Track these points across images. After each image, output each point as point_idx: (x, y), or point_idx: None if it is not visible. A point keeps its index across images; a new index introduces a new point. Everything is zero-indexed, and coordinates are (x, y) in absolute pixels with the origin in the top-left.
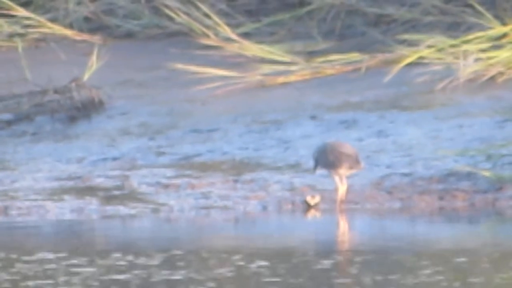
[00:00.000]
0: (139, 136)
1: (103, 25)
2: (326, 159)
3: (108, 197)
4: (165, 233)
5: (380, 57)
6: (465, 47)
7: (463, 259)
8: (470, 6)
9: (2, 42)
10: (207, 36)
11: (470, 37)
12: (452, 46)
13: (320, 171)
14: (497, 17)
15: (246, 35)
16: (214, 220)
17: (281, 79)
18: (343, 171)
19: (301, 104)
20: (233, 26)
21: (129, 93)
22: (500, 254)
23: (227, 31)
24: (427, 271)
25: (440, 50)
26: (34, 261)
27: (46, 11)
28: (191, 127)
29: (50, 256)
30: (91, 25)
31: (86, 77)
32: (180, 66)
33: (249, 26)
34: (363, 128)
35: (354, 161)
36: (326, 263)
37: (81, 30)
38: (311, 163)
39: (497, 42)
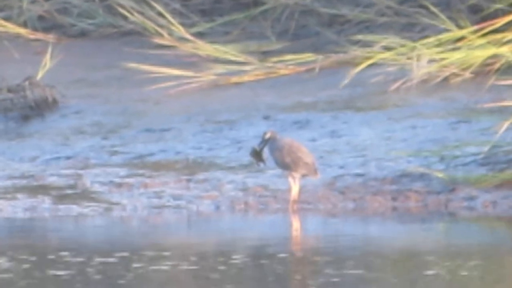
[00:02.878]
0: (93, 135)
1: (57, 24)
2: (283, 159)
3: (61, 196)
4: (117, 232)
5: (334, 57)
6: (419, 48)
7: (415, 259)
8: (425, 7)
9: None
10: (161, 35)
11: (426, 40)
12: (406, 47)
13: (274, 171)
14: (451, 18)
15: (200, 35)
16: (167, 219)
17: (235, 79)
18: (298, 175)
19: (254, 104)
20: (187, 25)
21: (83, 92)
22: (451, 254)
23: (181, 30)
24: (379, 271)
25: (394, 51)
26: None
27: None
28: (144, 127)
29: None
30: (45, 23)
31: (39, 76)
32: (134, 65)
33: (203, 26)
34: (316, 128)
35: (311, 170)
36: (278, 262)
37: (35, 28)
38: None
39: (452, 45)
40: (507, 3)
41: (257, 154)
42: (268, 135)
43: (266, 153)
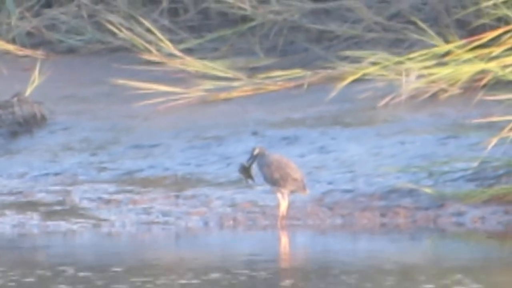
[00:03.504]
0: (81, 152)
1: (46, 40)
2: (271, 175)
3: (50, 212)
4: (105, 249)
5: (323, 73)
6: (407, 64)
7: (403, 275)
8: (413, 23)
9: None
10: (150, 51)
11: (414, 55)
12: (395, 63)
13: (262, 187)
14: (439, 34)
15: (188, 51)
16: (156, 235)
17: (223, 95)
18: (286, 191)
19: (243, 120)
20: (176, 41)
21: (72, 109)
22: (439, 270)
23: (169, 46)
24: (368, 286)
25: (382, 66)
26: None
27: None
28: (133, 143)
29: None
30: (33, 40)
31: (28, 92)
32: (122, 81)
33: (192, 42)
34: (305, 144)
35: (300, 186)
36: (266, 278)
37: (23, 45)
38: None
39: (440, 60)
40: (494, 18)
41: (245, 171)
42: (256, 151)
43: (254, 169)
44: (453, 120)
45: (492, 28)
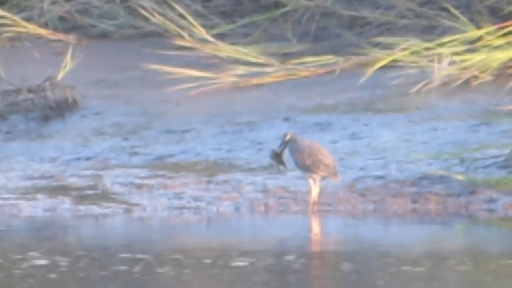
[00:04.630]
0: (113, 136)
1: (78, 24)
2: (303, 161)
3: (81, 197)
4: (137, 233)
5: (355, 59)
6: (439, 50)
7: (434, 261)
8: (445, 9)
9: None
10: (182, 37)
11: (445, 40)
12: (427, 49)
13: (294, 172)
14: (472, 20)
15: (220, 36)
16: (187, 220)
17: (255, 81)
18: (318, 177)
19: (275, 105)
20: (208, 27)
21: (103, 93)
22: (470, 257)
23: (201, 32)
24: (399, 273)
25: (414, 53)
26: (6, 260)
27: (20, 10)
28: (164, 128)
29: (21, 255)
30: (65, 24)
31: (60, 76)
32: (154, 66)
33: (224, 27)
34: (337, 130)
35: (332, 172)
36: (298, 264)
37: (55, 29)
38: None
39: (472, 46)
40: None
41: (277, 157)
42: (288, 137)
43: (286, 154)
44: (484, 107)
45: None
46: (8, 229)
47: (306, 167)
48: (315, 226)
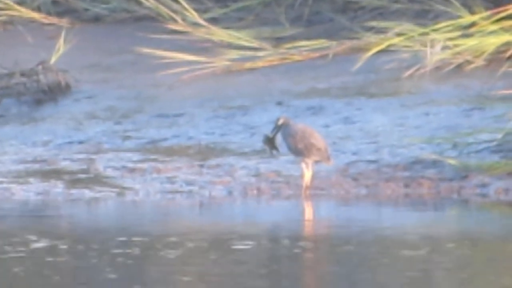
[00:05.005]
0: (105, 120)
1: (71, 8)
2: (295, 145)
3: (74, 180)
4: (129, 217)
5: (348, 44)
6: (432, 35)
7: (427, 245)
8: None
9: None
10: (175, 21)
11: (439, 25)
12: (420, 34)
13: (287, 157)
14: (465, 5)
15: (213, 20)
16: (180, 204)
17: (248, 65)
18: (310, 161)
19: (268, 90)
20: (201, 11)
21: (96, 77)
22: (463, 240)
23: (194, 16)
24: (392, 256)
25: (407, 37)
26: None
27: None
28: (157, 112)
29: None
30: (58, 8)
31: (53, 60)
32: (147, 50)
33: (217, 12)
34: (329, 114)
35: (324, 157)
36: (289, 247)
37: (48, 13)
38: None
39: (465, 31)
40: None
41: (269, 141)
42: (281, 121)
43: (279, 139)
44: (477, 91)
45: None
46: (1, 212)
47: (299, 151)
48: (308, 210)
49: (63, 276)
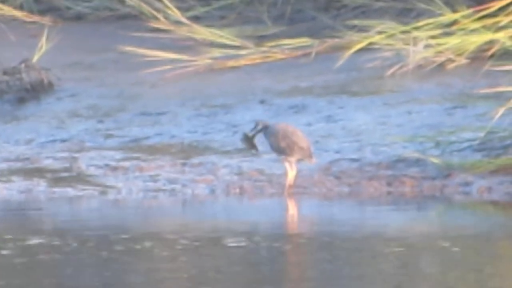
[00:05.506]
0: (88, 118)
1: (53, 6)
2: (278, 144)
3: (56, 179)
4: (111, 215)
5: (330, 42)
6: (415, 33)
7: (408, 244)
8: None
9: None
10: (157, 19)
11: (421, 23)
12: (402, 32)
13: (270, 155)
14: (447, 3)
15: (196, 19)
16: (162, 203)
17: (230, 63)
18: (293, 159)
19: (250, 88)
20: (183, 9)
21: (79, 75)
22: (445, 239)
23: (177, 14)
24: (373, 255)
25: (390, 36)
26: None
27: None
28: (140, 110)
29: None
30: (41, 6)
31: (35, 58)
32: (130, 48)
33: (199, 10)
34: (312, 113)
35: (307, 155)
36: (271, 246)
37: (31, 11)
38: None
39: (448, 29)
40: None
41: (248, 140)
42: (260, 126)
43: (261, 138)
44: (460, 90)
45: None
46: None
47: (281, 150)
48: (291, 209)
49: (47, 274)
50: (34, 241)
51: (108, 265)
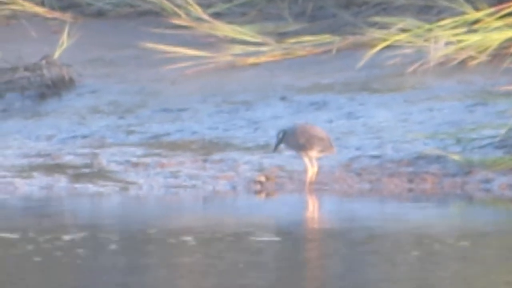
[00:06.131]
0: (109, 115)
1: (75, 3)
2: (297, 141)
3: (77, 175)
4: (133, 212)
5: (351, 39)
6: (436, 31)
7: (430, 240)
8: None
9: None
10: (178, 15)
11: (443, 22)
12: (424, 29)
13: (290, 152)
14: (469, 1)
15: (217, 15)
16: (183, 199)
17: (251, 60)
18: (314, 154)
19: (271, 85)
20: (205, 6)
21: (100, 72)
22: (467, 236)
23: (198, 11)
24: (395, 251)
25: (411, 33)
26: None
27: None
28: (161, 106)
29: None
30: (62, 3)
31: (56, 55)
32: (151, 45)
33: (221, 6)
34: (333, 110)
35: (327, 145)
36: (291, 242)
37: (52, 7)
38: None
39: (470, 27)
40: None
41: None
42: (281, 135)
43: (282, 147)
44: (481, 87)
45: None
46: (4, 207)
47: (301, 146)
48: (311, 205)
49: (67, 269)
50: (55, 235)
51: (128, 258)
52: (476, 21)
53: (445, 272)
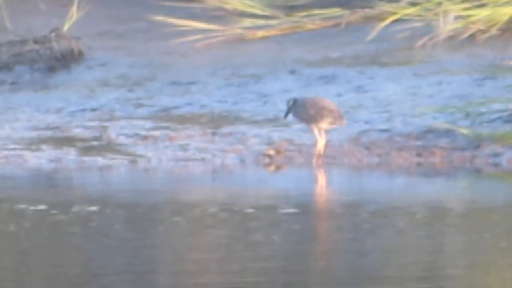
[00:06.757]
0: (118, 88)
1: None
2: (307, 113)
3: (86, 148)
4: (141, 184)
5: (361, 12)
6: (446, 4)
7: (438, 214)
8: None
9: None
10: None
11: None
12: (432, 3)
13: (299, 125)
14: None
15: None
16: (192, 172)
17: (261, 33)
18: (325, 125)
19: (280, 58)
20: None
21: (109, 45)
22: (475, 210)
23: None
24: (403, 225)
25: (420, 7)
26: (11, 210)
27: None
28: (170, 80)
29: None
30: None
31: (66, 27)
32: (160, 18)
33: None
34: (342, 83)
35: (337, 116)
36: (300, 215)
37: None
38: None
39: (479, 1)
40: None
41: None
42: (290, 103)
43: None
44: (490, 61)
45: None
46: (14, 179)
47: (311, 118)
48: (319, 179)
49: (76, 242)
50: (64, 211)
51: (138, 231)
52: None
53: (455, 242)
